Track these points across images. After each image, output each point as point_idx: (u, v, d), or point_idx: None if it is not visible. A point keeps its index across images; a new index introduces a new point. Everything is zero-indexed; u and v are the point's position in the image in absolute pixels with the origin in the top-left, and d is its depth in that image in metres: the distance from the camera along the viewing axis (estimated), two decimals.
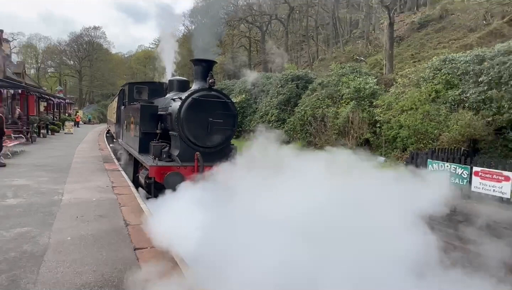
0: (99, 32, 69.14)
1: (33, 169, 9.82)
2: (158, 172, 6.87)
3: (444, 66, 12.47)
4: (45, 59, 67.80)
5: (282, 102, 20.09)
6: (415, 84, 12.94)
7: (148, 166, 7.01)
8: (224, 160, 7.11)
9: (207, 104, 7.40)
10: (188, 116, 7.25)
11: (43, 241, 4.40)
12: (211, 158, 7.16)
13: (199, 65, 7.82)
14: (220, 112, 7.51)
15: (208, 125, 7.38)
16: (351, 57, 28.15)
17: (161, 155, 7.47)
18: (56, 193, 7.00)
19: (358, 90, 15.16)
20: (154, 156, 7.42)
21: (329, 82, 17.17)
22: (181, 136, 7.34)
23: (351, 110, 14.50)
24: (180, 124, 7.26)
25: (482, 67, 11.18)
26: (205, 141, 7.47)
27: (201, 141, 7.42)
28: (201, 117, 7.35)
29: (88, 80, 69.08)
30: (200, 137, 7.39)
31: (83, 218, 5.37)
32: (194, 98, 7.31)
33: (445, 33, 24.36)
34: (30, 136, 17.91)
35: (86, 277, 3.49)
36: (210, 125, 7.39)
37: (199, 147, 7.34)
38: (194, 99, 7.31)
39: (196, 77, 7.92)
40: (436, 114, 11.32)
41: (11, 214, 5.48)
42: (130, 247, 4.27)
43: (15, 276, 3.45)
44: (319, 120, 16.17)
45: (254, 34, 42.72)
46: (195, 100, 7.31)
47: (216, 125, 7.46)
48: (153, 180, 6.92)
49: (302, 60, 37.98)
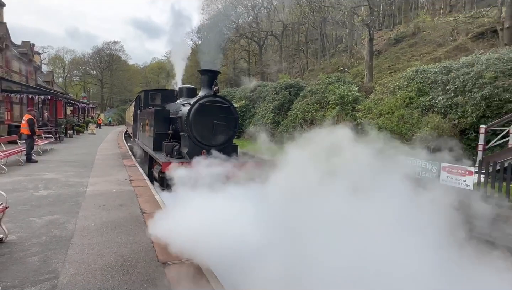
0: (118, 46, 68.93)
1: (61, 165, 9.80)
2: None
3: (416, 76, 12.48)
4: (71, 69, 67.42)
5: (277, 107, 20.09)
6: (392, 92, 12.94)
7: (161, 162, 7.04)
8: (227, 156, 7.16)
9: (212, 108, 7.49)
10: (196, 119, 7.35)
11: (70, 227, 4.40)
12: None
13: (205, 74, 7.89)
14: (223, 115, 7.59)
15: (213, 127, 7.48)
16: (336, 68, 28.12)
17: (173, 153, 7.53)
18: (81, 185, 6.99)
19: (342, 96, 15.15)
20: (166, 154, 7.48)
21: (317, 89, 17.16)
22: (189, 136, 7.40)
23: (336, 114, 14.51)
24: (189, 126, 7.35)
25: (449, 77, 11.20)
26: (210, 140, 7.53)
27: (207, 141, 7.49)
28: (207, 120, 7.44)
29: (108, 87, 68.77)
30: (206, 137, 7.47)
31: (105, 207, 5.38)
32: (201, 104, 7.43)
33: (417, 47, 24.36)
34: (58, 136, 17.86)
35: (108, 257, 3.50)
36: (215, 127, 7.49)
37: (205, 146, 7.43)
38: (201, 104, 7.42)
39: (203, 85, 7.99)
40: (409, 117, 11.33)
41: (42, 203, 5.48)
42: (146, 231, 4.27)
43: (46, 257, 3.45)
44: (308, 122, 16.17)
45: (253, 48, 42.62)
46: (202, 105, 7.41)
47: (220, 126, 7.54)
48: (165, 174, 6.87)
49: (294, 71, 37.89)
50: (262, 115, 21.09)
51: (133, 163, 10.70)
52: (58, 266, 3.26)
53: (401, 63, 22.09)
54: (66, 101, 24.78)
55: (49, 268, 3.21)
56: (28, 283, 2.93)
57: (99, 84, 68.84)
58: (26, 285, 2.89)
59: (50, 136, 15.77)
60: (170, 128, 8.40)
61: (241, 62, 44.33)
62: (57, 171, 8.58)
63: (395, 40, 27.51)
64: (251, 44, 41.84)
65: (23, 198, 5.74)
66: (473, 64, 10.82)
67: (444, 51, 20.43)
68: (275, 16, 38.08)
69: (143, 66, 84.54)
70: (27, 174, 8.00)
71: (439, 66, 12.25)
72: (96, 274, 3.13)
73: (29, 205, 5.35)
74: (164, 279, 3.08)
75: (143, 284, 3.00)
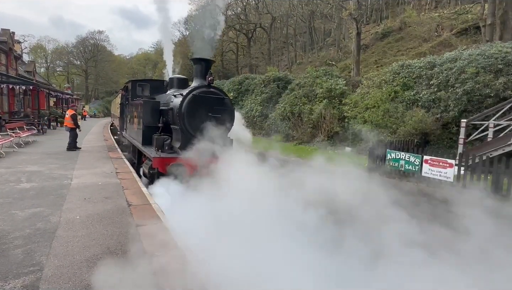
0: (103, 35, 66.95)
1: (45, 157, 9.57)
2: (161, 163, 6.55)
3: (402, 71, 12.67)
4: (54, 59, 65.13)
5: (265, 100, 20.08)
6: (378, 86, 13.11)
7: (151, 157, 6.65)
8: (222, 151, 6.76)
9: (207, 100, 7.06)
10: (189, 111, 6.93)
11: (54, 219, 4.33)
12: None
13: (198, 64, 7.46)
14: (218, 108, 7.17)
15: (207, 119, 7.00)
16: (324, 61, 28.24)
17: (163, 147, 7.17)
18: (66, 178, 6.86)
19: (330, 90, 15.27)
20: (157, 148, 7.10)
21: (305, 83, 17.23)
22: (182, 129, 7.02)
23: (324, 107, 14.63)
24: (181, 118, 6.93)
25: (433, 72, 11.43)
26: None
27: (201, 134, 6.96)
28: (201, 112, 7.01)
29: (93, 78, 66.91)
30: (199, 130, 6.96)
31: (90, 200, 5.31)
32: (194, 95, 6.97)
33: (403, 42, 24.69)
34: (41, 128, 17.38)
35: (94, 249, 3.48)
36: (209, 120, 7.01)
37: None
38: (194, 95, 6.97)
39: (196, 75, 7.55)
40: (394, 111, 11.52)
41: (25, 196, 5.37)
42: (133, 224, 4.26)
43: (30, 250, 3.40)
44: (296, 115, 16.26)
45: (241, 40, 42.23)
46: (195, 96, 6.97)
47: (215, 119, 7.08)
48: (157, 171, 6.57)
49: (282, 64, 37.82)
50: (250, 108, 21.06)
51: (119, 155, 10.55)
52: (42, 259, 3.22)
53: (388, 58, 22.38)
54: (49, 92, 24.04)
55: (33, 261, 3.17)
56: (11, 276, 2.89)
57: (83, 75, 66.84)
58: (9, 278, 2.86)
59: (33, 127, 15.34)
60: (161, 120, 7.94)
61: (229, 54, 43.88)
62: (40, 164, 8.38)
63: (382, 34, 27.77)
64: (239, 36, 41.42)
65: (4, 191, 5.60)
66: (456, 60, 11.06)
67: (429, 46, 20.79)
68: (264, 8, 37.76)
69: (130, 57, 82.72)
70: (9, 167, 7.78)
71: (423, 61, 12.47)
72: (81, 266, 3.11)
73: (11, 198, 5.23)
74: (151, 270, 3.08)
75: None
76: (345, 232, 4.91)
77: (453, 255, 4.17)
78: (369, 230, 4.86)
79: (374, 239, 4.76)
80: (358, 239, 4.76)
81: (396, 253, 4.30)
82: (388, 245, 4.44)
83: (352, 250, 4.57)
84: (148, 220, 4.39)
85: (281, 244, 4.11)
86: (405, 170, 8.41)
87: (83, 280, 2.87)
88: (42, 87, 21.46)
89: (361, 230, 4.89)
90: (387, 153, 8.89)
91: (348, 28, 30.03)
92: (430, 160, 7.79)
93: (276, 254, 3.87)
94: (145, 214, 4.68)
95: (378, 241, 4.66)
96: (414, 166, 8.18)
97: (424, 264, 4.20)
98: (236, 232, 3.96)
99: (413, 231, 4.61)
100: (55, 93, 27.22)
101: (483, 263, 3.96)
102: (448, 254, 4.23)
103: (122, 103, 13.02)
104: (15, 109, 21.93)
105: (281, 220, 4.63)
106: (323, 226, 4.95)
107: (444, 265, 4.09)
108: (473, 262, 3.97)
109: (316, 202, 5.27)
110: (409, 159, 8.31)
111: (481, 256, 4.04)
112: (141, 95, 9.90)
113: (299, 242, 4.36)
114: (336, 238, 4.78)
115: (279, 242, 4.12)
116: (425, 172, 7.89)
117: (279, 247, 4.02)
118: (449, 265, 4.06)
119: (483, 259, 4.01)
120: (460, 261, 4.03)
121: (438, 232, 4.86)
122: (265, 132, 19.24)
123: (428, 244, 4.53)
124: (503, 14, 13.82)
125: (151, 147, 7.58)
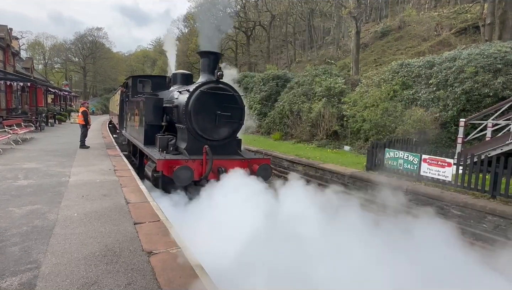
0: (101, 32, 66.86)
1: (42, 154, 9.52)
2: (166, 165, 5.99)
3: (401, 70, 12.67)
4: (52, 56, 64.85)
5: (264, 98, 20.07)
6: (377, 85, 13.10)
7: (155, 159, 6.09)
8: (231, 152, 6.53)
9: (215, 97, 6.51)
10: (196, 109, 6.40)
11: (52, 217, 4.31)
12: (218, 151, 6.42)
13: (206, 57, 6.88)
14: (228, 105, 6.63)
15: (216, 118, 6.53)
16: (324, 60, 28.22)
17: (168, 148, 6.69)
18: (64, 175, 6.83)
19: (329, 88, 15.25)
20: (161, 149, 6.63)
21: (304, 81, 17.20)
22: (188, 129, 6.50)
23: (323, 106, 14.60)
24: (187, 117, 6.41)
25: (432, 71, 11.43)
26: (213, 134, 6.64)
27: (209, 134, 6.60)
28: (209, 110, 6.49)
29: (91, 75, 66.73)
30: (207, 129, 6.56)
31: (88, 197, 5.28)
32: (202, 91, 6.44)
33: (402, 41, 24.67)
34: (39, 125, 17.31)
35: (91, 247, 3.46)
36: (218, 118, 6.55)
37: (206, 140, 6.52)
38: (202, 92, 6.44)
39: (203, 70, 7.00)
40: (393, 110, 11.52)
41: (22, 193, 5.34)
42: (130, 221, 4.24)
43: (27, 247, 3.38)
44: (295, 114, 16.24)
45: (240, 38, 42.12)
46: (203, 93, 6.44)
47: (224, 118, 6.60)
48: (161, 174, 6.03)
49: (281, 62, 37.76)
50: (249, 106, 21.02)
51: (118, 153, 10.50)
52: (39, 256, 3.20)
53: (387, 57, 22.36)
54: (47, 88, 23.91)
55: (30, 258, 3.15)
56: (8, 273, 2.87)
57: (81, 72, 66.63)
58: (6, 275, 2.84)
59: (30, 124, 15.27)
60: (164, 119, 7.54)
61: (228, 52, 43.77)
62: (38, 161, 8.34)
63: (381, 33, 27.74)
64: (238, 34, 41.32)
65: (1, 188, 5.56)
66: (455, 59, 11.07)
67: (428, 45, 20.79)
68: (263, 6, 37.65)
69: (128, 54, 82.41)
70: (6, 164, 7.74)
71: (423, 60, 12.48)
72: (79, 264, 3.09)
73: (8, 195, 5.20)
74: (149, 268, 3.07)
75: (127, 273, 2.98)
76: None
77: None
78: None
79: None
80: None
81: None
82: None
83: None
84: (146, 218, 4.38)
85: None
86: (403, 169, 8.41)
87: (80, 278, 2.86)
88: (40, 84, 21.35)
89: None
90: (385, 152, 8.88)
91: (347, 26, 29.98)
92: (429, 159, 7.79)
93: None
94: (143, 212, 4.66)
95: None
96: (413, 165, 8.17)
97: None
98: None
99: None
100: (53, 90, 27.08)
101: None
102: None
103: (122, 100, 12.58)
104: (12, 106, 21.86)
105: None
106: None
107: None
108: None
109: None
110: (408, 158, 8.31)
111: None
112: (142, 92, 9.41)
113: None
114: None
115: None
116: (424, 171, 7.88)
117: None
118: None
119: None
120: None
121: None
122: (264, 131, 19.22)
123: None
124: (503, 14, 13.84)
125: (154, 148, 7.18)
